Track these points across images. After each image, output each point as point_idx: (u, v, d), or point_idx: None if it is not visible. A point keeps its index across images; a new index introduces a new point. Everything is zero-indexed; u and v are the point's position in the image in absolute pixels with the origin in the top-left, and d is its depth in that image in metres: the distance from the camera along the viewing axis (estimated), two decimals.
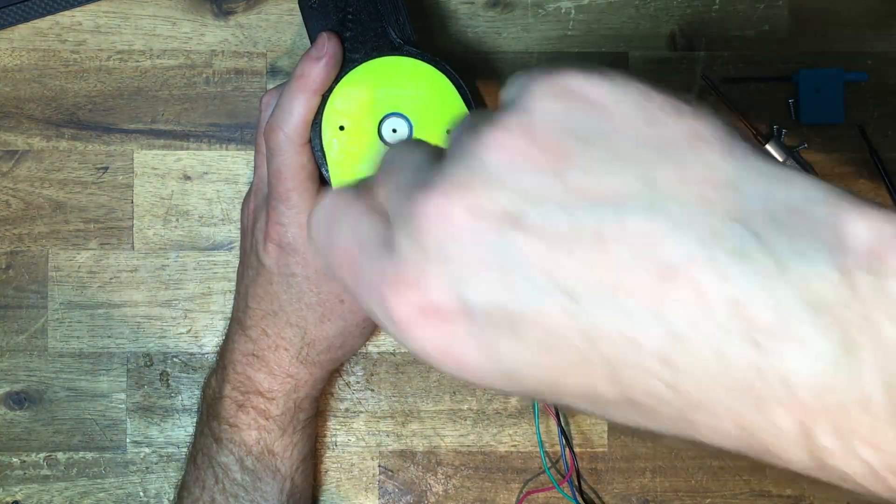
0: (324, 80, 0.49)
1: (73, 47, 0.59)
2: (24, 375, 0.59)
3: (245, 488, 0.54)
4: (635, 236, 0.25)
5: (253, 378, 0.53)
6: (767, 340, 0.23)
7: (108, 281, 0.59)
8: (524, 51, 0.59)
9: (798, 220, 0.24)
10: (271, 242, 0.52)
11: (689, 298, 0.24)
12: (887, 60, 0.60)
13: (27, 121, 0.59)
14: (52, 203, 0.59)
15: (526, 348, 0.26)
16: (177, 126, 0.59)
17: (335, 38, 0.49)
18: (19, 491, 0.59)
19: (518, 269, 0.26)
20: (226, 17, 0.59)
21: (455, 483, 0.60)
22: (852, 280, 0.23)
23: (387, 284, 0.27)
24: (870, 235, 0.23)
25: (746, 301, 0.23)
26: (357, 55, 0.50)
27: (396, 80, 0.50)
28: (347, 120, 0.50)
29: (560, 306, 0.25)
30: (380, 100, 0.50)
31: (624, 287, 0.25)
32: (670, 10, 0.60)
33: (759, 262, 0.24)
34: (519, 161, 0.26)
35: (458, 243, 0.26)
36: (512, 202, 0.26)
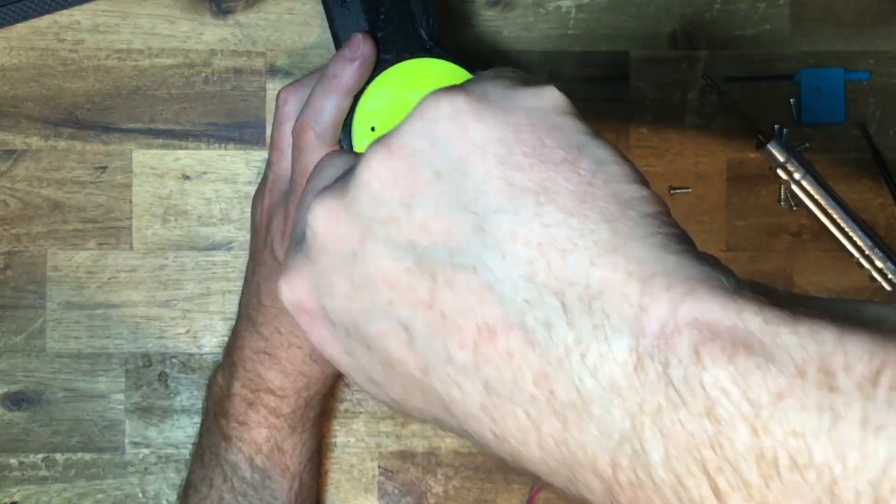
0: (357, 81, 0.48)
1: (71, 46, 0.59)
2: (22, 376, 0.59)
3: (254, 486, 0.53)
4: (462, 288, 0.26)
5: (264, 376, 0.53)
6: (570, 414, 0.24)
7: (107, 281, 0.59)
8: (525, 50, 0.59)
9: (613, 297, 0.24)
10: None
11: (503, 360, 0.25)
12: (888, 60, 0.60)
13: (25, 120, 0.59)
14: (51, 203, 0.59)
15: (377, 362, 0.28)
16: (175, 125, 0.59)
17: (370, 40, 0.49)
18: (17, 492, 0.59)
19: (366, 286, 0.27)
20: (225, 17, 0.59)
21: (455, 484, 0.60)
22: (642, 364, 0.23)
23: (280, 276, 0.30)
24: (665, 317, 0.23)
25: (550, 374, 0.24)
26: (388, 56, 0.49)
27: (428, 82, 0.49)
28: (378, 121, 0.49)
29: (398, 336, 0.27)
30: (411, 102, 0.49)
31: (451, 333, 0.26)
32: (671, 10, 0.59)
33: (563, 336, 0.24)
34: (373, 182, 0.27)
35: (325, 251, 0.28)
36: (364, 223, 0.27)
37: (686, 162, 0.60)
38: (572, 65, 0.60)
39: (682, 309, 0.23)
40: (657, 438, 0.23)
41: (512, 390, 0.25)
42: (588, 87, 0.60)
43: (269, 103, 0.59)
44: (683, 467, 0.23)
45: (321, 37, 0.59)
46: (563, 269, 0.25)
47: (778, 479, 0.22)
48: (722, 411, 0.22)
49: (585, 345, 0.24)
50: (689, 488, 0.23)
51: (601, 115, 0.60)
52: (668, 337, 0.23)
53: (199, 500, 0.54)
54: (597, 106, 0.60)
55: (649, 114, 0.60)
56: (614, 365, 0.24)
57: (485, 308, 0.25)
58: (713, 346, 0.23)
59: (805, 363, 0.22)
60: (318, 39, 0.59)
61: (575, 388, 0.24)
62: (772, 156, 0.58)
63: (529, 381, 0.25)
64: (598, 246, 0.25)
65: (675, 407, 0.23)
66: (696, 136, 0.60)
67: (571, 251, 0.25)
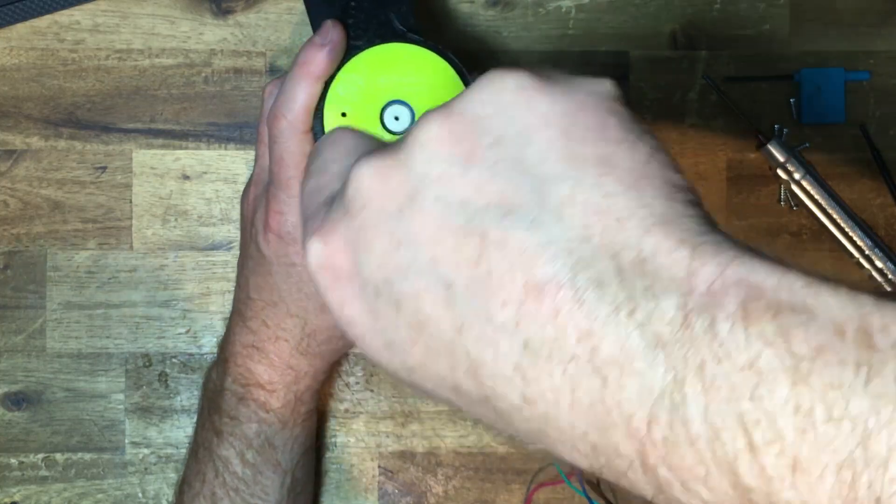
0: (327, 66, 0.48)
1: (71, 46, 0.59)
2: (22, 376, 0.59)
3: (245, 482, 0.53)
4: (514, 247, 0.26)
5: (253, 370, 0.53)
6: (610, 371, 0.25)
7: (107, 281, 0.59)
8: (524, 50, 0.59)
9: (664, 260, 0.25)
10: (271, 232, 0.51)
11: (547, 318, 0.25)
12: (888, 60, 0.60)
13: (25, 120, 0.59)
14: (51, 203, 0.59)
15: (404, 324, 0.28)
16: (175, 125, 0.59)
17: (339, 26, 0.49)
18: (17, 492, 0.59)
19: (407, 245, 0.28)
20: (225, 17, 0.59)
21: (455, 484, 0.60)
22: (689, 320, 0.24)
23: (310, 232, 0.30)
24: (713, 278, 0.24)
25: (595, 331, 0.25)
26: (360, 42, 0.49)
27: (399, 67, 0.49)
28: (349, 107, 0.49)
29: (437, 294, 0.27)
30: (382, 87, 0.49)
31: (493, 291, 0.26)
32: (671, 10, 0.59)
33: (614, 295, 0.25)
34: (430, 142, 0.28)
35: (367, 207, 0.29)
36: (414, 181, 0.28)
37: (686, 162, 0.60)
38: (572, 65, 0.60)
39: (729, 270, 0.24)
40: (698, 392, 0.23)
41: (552, 349, 0.25)
42: None
43: None
44: (721, 420, 0.23)
45: None
46: (618, 234, 0.26)
47: (813, 431, 0.22)
48: (764, 364, 0.23)
49: (634, 303, 0.25)
50: (724, 442, 0.23)
51: None
52: (716, 295, 0.24)
53: (192, 495, 0.54)
54: None
55: (649, 114, 0.60)
56: (661, 322, 0.24)
57: (535, 268, 0.26)
58: (758, 303, 0.24)
59: (845, 323, 0.23)
60: None
61: (620, 344, 0.25)
62: (772, 156, 0.58)
63: (573, 340, 0.25)
64: (652, 217, 0.26)
65: (719, 360, 0.23)
66: (696, 136, 0.60)
67: (628, 219, 0.26)
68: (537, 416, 0.26)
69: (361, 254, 0.29)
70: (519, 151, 0.27)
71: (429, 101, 0.50)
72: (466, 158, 0.28)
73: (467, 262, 0.27)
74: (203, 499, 0.53)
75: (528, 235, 0.26)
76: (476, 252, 0.27)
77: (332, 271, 0.30)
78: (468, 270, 0.27)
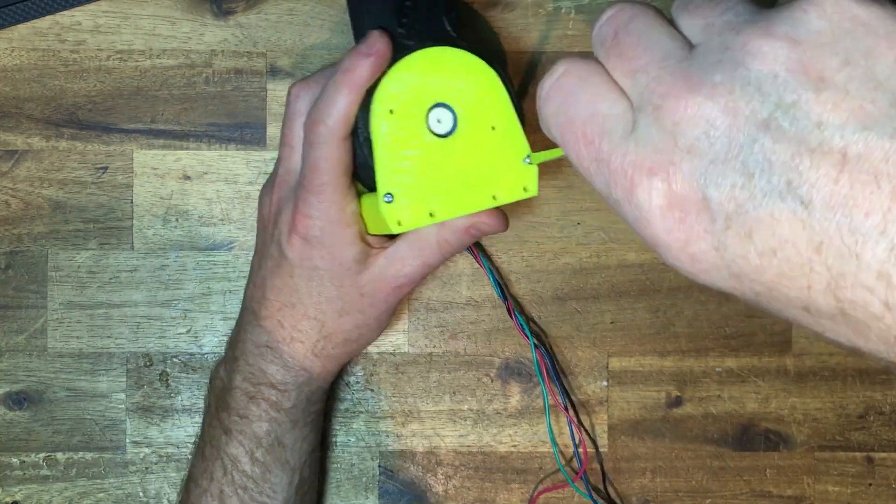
0: (370, 76, 0.48)
1: (72, 47, 0.59)
2: (23, 375, 0.59)
3: (254, 480, 0.53)
4: (877, 157, 0.27)
5: (266, 370, 0.53)
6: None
7: (108, 281, 0.59)
8: (524, 51, 0.59)
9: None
10: (297, 234, 0.51)
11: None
12: None
13: (27, 121, 0.59)
14: (52, 203, 0.59)
15: (755, 250, 0.29)
16: (176, 126, 0.59)
17: (386, 37, 0.49)
18: (19, 491, 0.59)
19: (761, 171, 0.28)
20: (225, 17, 0.59)
21: (455, 483, 0.60)
22: None
23: (634, 169, 0.30)
24: None
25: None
26: (412, 42, 0.49)
27: (448, 71, 0.49)
28: (398, 105, 0.49)
29: (793, 213, 0.28)
30: (431, 88, 0.49)
31: (857, 203, 0.27)
32: (670, 10, 0.59)
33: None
34: (780, 71, 0.29)
35: (710, 140, 0.29)
36: (768, 109, 0.28)
37: None
38: None
39: None
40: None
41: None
42: None
43: (269, 104, 0.59)
44: None
45: (322, 37, 0.59)
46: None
47: None
48: None
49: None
50: None
51: None
52: None
53: (199, 493, 0.54)
54: None
55: None
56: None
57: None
58: None
59: None
60: (318, 40, 0.59)
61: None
62: None
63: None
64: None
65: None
66: None
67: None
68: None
69: (711, 188, 0.29)
70: (867, 70, 0.28)
71: (473, 107, 0.50)
72: (817, 80, 0.28)
73: (827, 179, 0.27)
74: (210, 497, 0.53)
75: (891, 146, 0.27)
76: (836, 168, 0.27)
77: (678, 210, 0.30)
78: (828, 187, 0.27)
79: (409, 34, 0.50)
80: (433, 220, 0.49)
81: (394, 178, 0.49)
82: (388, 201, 0.49)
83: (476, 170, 0.50)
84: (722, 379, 0.60)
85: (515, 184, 0.50)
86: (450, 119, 0.50)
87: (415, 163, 0.49)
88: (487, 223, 0.51)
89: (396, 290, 0.53)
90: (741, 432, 0.60)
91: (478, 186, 0.50)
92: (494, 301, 0.60)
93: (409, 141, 0.49)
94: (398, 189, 0.49)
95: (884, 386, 0.60)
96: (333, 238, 0.51)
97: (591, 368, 0.60)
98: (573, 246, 0.60)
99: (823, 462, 0.61)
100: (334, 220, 0.51)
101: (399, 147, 0.49)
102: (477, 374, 0.60)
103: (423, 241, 0.52)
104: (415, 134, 0.49)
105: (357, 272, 0.52)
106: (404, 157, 0.49)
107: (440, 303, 0.60)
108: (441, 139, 0.50)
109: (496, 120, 0.50)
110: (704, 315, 0.60)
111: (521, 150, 0.50)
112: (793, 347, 0.60)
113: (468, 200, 0.50)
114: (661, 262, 0.60)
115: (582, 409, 0.60)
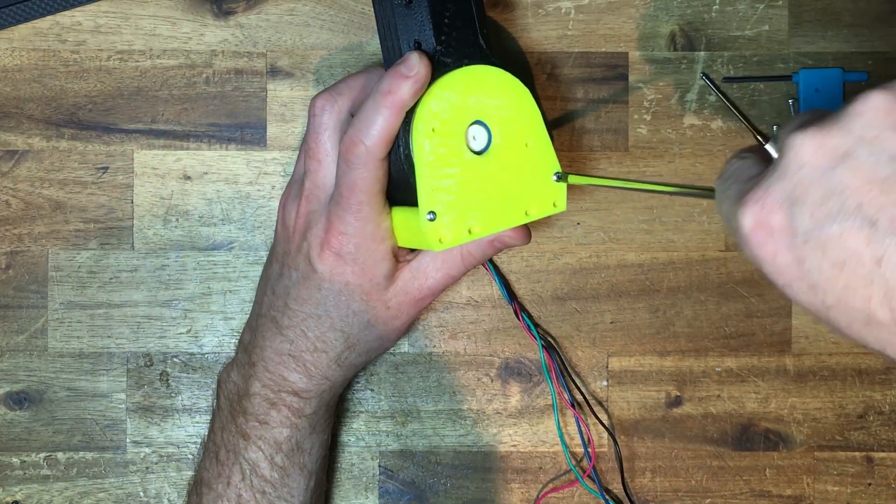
0: (411, 98, 0.49)
1: (73, 47, 0.59)
2: (24, 375, 0.59)
3: (273, 485, 0.54)
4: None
5: (287, 377, 0.53)
6: None
7: (108, 281, 0.60)
8: (524, 50, 0.59)
9: None
10: (330, 250, 0.51)
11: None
12: (887, 60, 0.60)
13: (27, 121, 0.59)
14: (52, 203, 0.59)
15: (828, 263, 0.34)
16: (177, 126, 0.59)
17: (426, 59, 0.49)
18: (19, 491, 0.60)
19: (836, 195, 0.34)
20: (226, 17, 0.59)
21: (455, 483, 0.60)
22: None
23: (742, 200, 0.37)
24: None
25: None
26: (449, 59, 0.50)
27: (485, 89, 0.50)
28: (440, 123, 0.49)
29: (861, 231, 0.33)
30: (470, 106, 0.50)
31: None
32: (670, 10, 0.60)
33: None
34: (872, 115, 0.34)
35: (804, 169, 0.35)
36: (855, 142, 0.34)
37: (685, 162, 0.60)
38: (572, 65, 0.60)
39: None
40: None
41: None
42: (588, 87, 0.60)
43: (270, 104, 0.59)
44: None
45: (322, 38, 0.59)
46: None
47: None
48: None
49: None
50: None
51: (601, 115, 0.60)
52: None
53: (214, 497, 0.54)
54: (596, 106, 0.60)
55: (648, 114, 0.60)
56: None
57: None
58: None
59: None
60: (318, 40, 0.59)
61: None
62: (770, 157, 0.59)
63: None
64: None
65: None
66: (694, 136, 0.60)
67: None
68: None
69: (795, 207, 0.35)
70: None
71: (507, 125, 0.50)
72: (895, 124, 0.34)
73: (892, 203, 0.33)
74: (227, 501, 0.53)
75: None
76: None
77: (766, 227, 0.36)
78: (892, 209, 0.33)
79: (447, 51, 0.50)
80: (472, 236, 0.50)
81: (436, 197, 0.49)
82: (431, 219, 0.49)
83: (510, 186, 0.51)
84: (722, 379, 0.60)
85: (546, 199, 0.51)
86: (484, 136, 0.50)
87: (455, 180, 0.49)
88: (512, 236, 0.53)
89: (419, 303, 0.54)
90: (741, 432, 0.60)
91: (512, 202, 0.51)
92: (494, 301, 0.60)
93: (451, 159, 0.49)
94: (440, 207, 0.49)
95: (883, 386, 0.61)
96: (367, 255, 0.51)
97: (591, 368, 0.60)
98: (573, 246, 0.60)
99: (823, 462, 0.61)
100: (369, 237, 0.51)
101: (441, 165, 0.49)
102: (477, 374, 0.60)
103: (448, 254, 0.53)
104: (455, 152, 0.50)
105: (385, 287, 0.53)
106: (445, 174, 0.49)
107: (440, 303, 0.60)
108: (478, 156, 0.50)
109: (529, 137, 0.51)
110: (704, 315, 0.60)
111: (552, 166, 0.51)
112: (792, 347, 0.60)
113: (503, 216, 0.51)
114: (661, 262, 0.60)
115: (581, 410, 0.60)
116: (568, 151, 0.60)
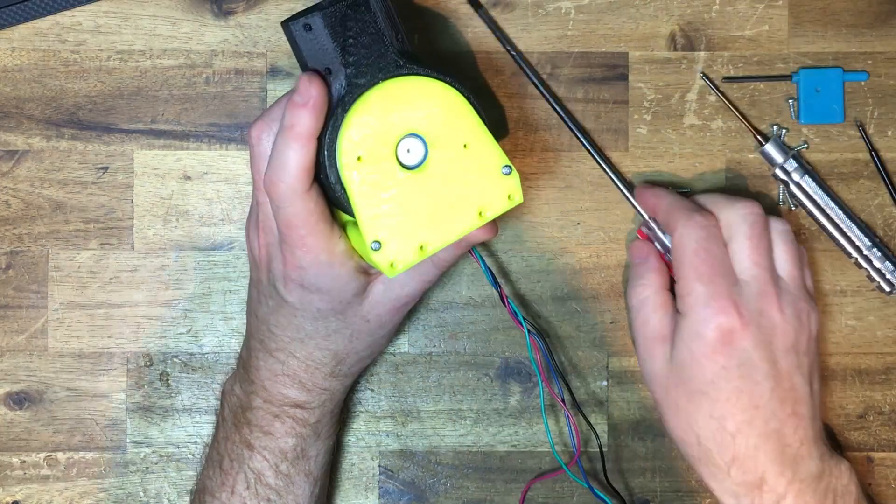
0: (313, 125, 0.47)
1: (73, 47, 0.59)
2: (24, 375, 0.59)
3: (278, 492, 0.54)
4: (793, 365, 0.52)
5: (287, 394, 0.54)
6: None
7: (108, 281, 0.60)
8: (524, 50, 0.59)
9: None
10: (292, 282, 0.51)
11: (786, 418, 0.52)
12: (886, 60, 0.60)
13: (27, 121, 0.59)
14: (52, 203, 0.59)
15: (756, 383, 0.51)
16: (177, 126, 0.59)
17: (317, 80, 0.47)
18: (19, 491, 0.59)
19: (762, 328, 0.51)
20: (226, 17, 0.59)
21: (455, 483, 0.60)
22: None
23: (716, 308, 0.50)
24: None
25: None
26: (363, 80, 0.48)
27: (407, 100, 0.48)
28: (364, 150, 0.48)
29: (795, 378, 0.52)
30: (394, 124, 0.48)
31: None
32: (670, 10, 0.60)
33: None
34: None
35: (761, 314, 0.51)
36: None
37: (685, 162, 0.60)
38: (572, 65, 0.60)
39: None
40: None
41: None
42: (588, 87, 0.60)
43: (269, 104, 0.59)
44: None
45: None
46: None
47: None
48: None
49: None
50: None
51: (601, 115, 0.60)
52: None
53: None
54: (596, 106, 0.60)
55: (648, 114, 0.60)
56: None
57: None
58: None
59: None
60: None
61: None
62: (770, 156, 0.59)
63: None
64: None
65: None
66: (694, 136, 0.60)
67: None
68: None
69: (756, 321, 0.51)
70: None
71: (440, 129, 0.48)
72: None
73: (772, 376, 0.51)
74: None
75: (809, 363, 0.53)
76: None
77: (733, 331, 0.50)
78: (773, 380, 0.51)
79: (358, 71, 0.48)
80: (425, 253, 0.48)
81: (377, 223, 0.48)
82: (377, 248, 0.47)
83: (457, 191, 0.49)
84: None
85: (499, 195, 0.50)
86: (420, 147, 0.48)
87: (394, 203, 0.48)
88: (477, 234, 0.51)
89: (400, 310, 0.54)
90: None
91: (462, 207, 0.49)
92: (494, 301, 0.60)
93: (384, 182, 0.48)
94: (384, 233, 0.48)
95: (883, 386, 0.61)
96: (331, 281, 0.51)
97: (591, 368, 0.60)
98: (573, 246, 0.60)
99: None
100: (325, 265, 0.50)
101: (375, 191, 0.48)
102: (477, 374, 0.60)
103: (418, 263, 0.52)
104: (388, 174, 0.48)
105: (359, 303, 0.52)
106: (382, 200, 0.48)
107: (440, 303, 0.60)
108: (415, 170, 0.48)
109: (467, 137, 0.49)
110: None
111: (499, 160, 0.49)
112: None
113: (457, 223, 0.49)
114: None
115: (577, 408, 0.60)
116: (568, 151, 0.60)
